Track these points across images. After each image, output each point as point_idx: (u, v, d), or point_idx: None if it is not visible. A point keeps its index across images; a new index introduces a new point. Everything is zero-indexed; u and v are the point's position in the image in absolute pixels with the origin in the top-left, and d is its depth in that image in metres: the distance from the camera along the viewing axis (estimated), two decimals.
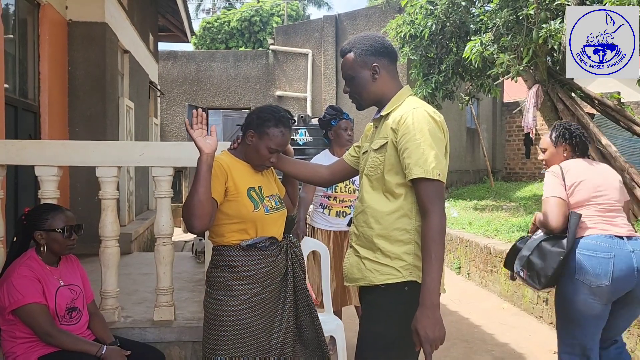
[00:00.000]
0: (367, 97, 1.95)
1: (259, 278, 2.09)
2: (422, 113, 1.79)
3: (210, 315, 2.11)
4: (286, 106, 13.36)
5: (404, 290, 1.79)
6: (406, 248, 1.80)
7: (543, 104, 7.24)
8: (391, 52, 1.95)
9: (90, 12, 5.78)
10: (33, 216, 2.42)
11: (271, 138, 2.12)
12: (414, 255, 1.79)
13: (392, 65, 1.95)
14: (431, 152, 1.73)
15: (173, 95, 13.66)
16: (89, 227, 3.12)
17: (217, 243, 2.15)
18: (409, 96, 1.92)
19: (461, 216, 8.23)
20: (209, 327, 2.10)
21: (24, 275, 2.29)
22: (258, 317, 2.08)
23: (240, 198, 2.08)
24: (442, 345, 1.72)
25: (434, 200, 1.73)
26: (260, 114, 2.15)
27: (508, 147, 16.38)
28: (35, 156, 2.89)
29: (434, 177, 1.72)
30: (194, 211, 1.91)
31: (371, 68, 1.90)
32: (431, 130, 1.77)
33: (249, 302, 2.07)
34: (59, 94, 5.55)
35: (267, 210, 2.13)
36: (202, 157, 1.95)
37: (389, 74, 1.93)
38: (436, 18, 8.41)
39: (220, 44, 21.15)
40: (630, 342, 3.41)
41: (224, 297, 2.07)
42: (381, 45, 1.92)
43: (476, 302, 5.31)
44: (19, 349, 2.28)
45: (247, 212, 2.08)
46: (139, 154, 2.97)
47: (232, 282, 2.07)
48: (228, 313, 2.06)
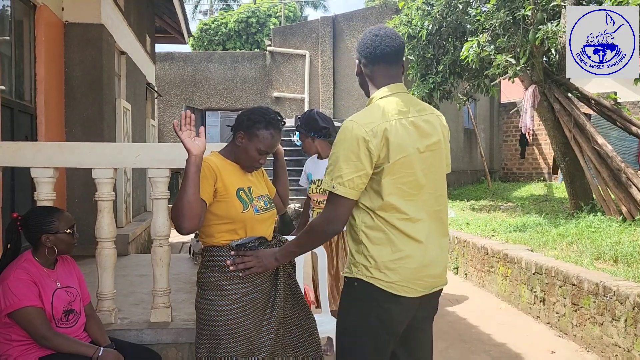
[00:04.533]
0: (364, 90, 2.01)
1: (249, 277, 2.10)
2: (346, 125, 1.82)
3: (201, 316, 2.12)
4: (283, 107, 13.36)
5: (353, 285, 1.88)
6: (358, 247, 1.87)
7: (540, 104, 7.26)
8: (378, 51, 1.89)
9: (87, 14, 5.77)
10: (37, 221, 2.42)
11: (261, 140, 2.13)
12: (362, 256, 1.84)
13: (379, 66, 1.91)
14: (337, 165, 1.80)
15: (170, 97, 13.65)
16: (86, 228, 3.12)
17: (207, 243, 2.16)
18: (378, 99, 1.90)
19: (458, 216, 8.24)
20: (201, 327, 2.11)
21: (20, 278, 2.28)
22: (249, 316, 2.09)
23: (229, 199, 2.09)
24: (440, 346, 1.74)
25: (328, 206, 1.85)
26: (250, 116, 2.16)
27: (505, 148, 16.42)
28: (31, 158, 2.88)
29: (329, 189, 1.81)
30: (182, 212, 1.92)
31: (357, 66, 1.98)
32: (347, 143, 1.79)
33: (240, 301, 2.08)
34: (56, 96, 5.53)
35: (256, 210, 2.15)
36: (190, 158, 1.97)
37: (373, 73, 1.93)
38: (433, 19, 8.42)
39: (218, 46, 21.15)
40: (627, 342, 3.42)
41: (215, 297, 2.08)
42: (367, 44, 1.91)
43: (474, 302, 5.31)
44: (15, 351, 2.28)
45: (237, 212, 2.09)
46: (135, 156, 2.97)
47: (223, 282, 2.08)
48: (219, 313, 2.07)
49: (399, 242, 1.81)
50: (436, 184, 1.90)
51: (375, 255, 1.81)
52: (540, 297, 4.53)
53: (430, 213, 1.87)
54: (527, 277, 4.75)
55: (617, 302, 3.52)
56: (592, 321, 3.80)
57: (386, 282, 1.80)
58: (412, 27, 8.67)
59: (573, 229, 5.91)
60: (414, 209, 1.83)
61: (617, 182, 6.47)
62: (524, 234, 6.04)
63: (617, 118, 7.18)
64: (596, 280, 3.78)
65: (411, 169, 1.82)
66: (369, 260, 1.82)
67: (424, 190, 1.85)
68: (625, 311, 3.44)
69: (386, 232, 1.81)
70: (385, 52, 1.89)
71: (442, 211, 1.94)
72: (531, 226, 6.49)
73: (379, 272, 1.81)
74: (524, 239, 5.72)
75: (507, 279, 5.17)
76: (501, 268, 5.30)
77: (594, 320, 3.78)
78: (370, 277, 1.81)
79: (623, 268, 4.19)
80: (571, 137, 7.01)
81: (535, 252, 5.09)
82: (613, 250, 4.66)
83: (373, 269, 1.81)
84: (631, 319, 3.39)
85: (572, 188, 7.50)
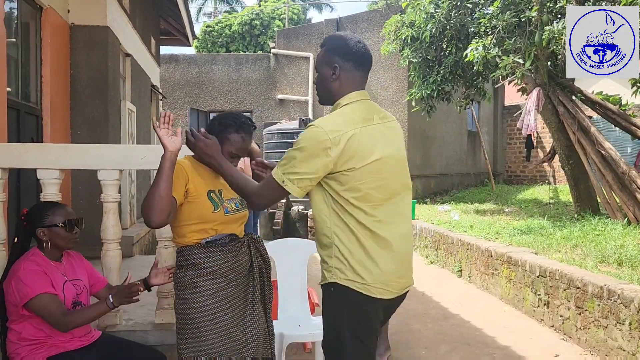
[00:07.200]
0: (322, 94, 2.00)
1: (223, 273, 2.14)
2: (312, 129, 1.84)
3: (180, 317, 2.16)
4: (287, 109, 13.39)
5: (330, 291, 1.89)
6: (328, 251, 1.89)
7: (544, 107, 7.25)
8: (359, 58, 1.92)
9: (92, 16, 5.80)
10: (33, 215, 2.43)
11: (232, 143, 2.20)
12: (335, 258, 1.86)
13: (355, 71, 1.93)
14: (293, 162, 1.83)
15: (175, 99, 13.69)
16: (91, 230, 3.13)
17: (180, 244, 2.21)
18: (344, 105, 1.92)
19: (462, 219, 8.23)
20: (182, 328, 2.14)
21: (30, 269, 2.30)
22: (227, 311, 2.12)
23: (200, 200, 2.14)
24: (443, 349, 1.75)
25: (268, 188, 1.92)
26: (221, 120, 2.23)
27: (509, 150, 16.39)
28: (37, 159, 2.90)
29: (279, 181, 1.85)
30: (153, 204, 1.96)
31: (332, 67, 1.92)
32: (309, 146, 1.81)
33: (215, 296, 2.12)
34: (61, 97, 5.56)
35: (227, 211, 2.20)
36: (165, 154, 2.02)
37: (348, 78, 1.93)
38: (437, 22, 8.42)
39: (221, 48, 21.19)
40: (632, 345, 3.41)
41: (191, 295, 2.12)
42: (350, 48, 1.92)
43: (477, 305, 5.31)
44: (24, 350, 2.30)
45: (208, 212, 2.14)
46: (141, 157, 2.98)
47: (197, 280, 2.12)
48: (196, 310, 2.10)
49: (371, 244, 1.84)
50: (402, 188, 1.95)
51: (348, 257, 1.84)
52: (544, 300, 4.52)
53: (398, 216, 1.92)
54: (531, 280, 4.74)
55: (622, 305, 3.51)
56: (597, 324, 3.79)
57: (361, 284, 1.83)
58: (416, 29, 8.67)
59: (577, 232, 5.90)
60: (384, 212, 1.87)
61: (622, 185, 6.46)
62: (528, 236, 6.03)
63: (621, 121, 7.17)
64: (600, 283, 3.77)
65: (379, 174, 1.85)
66: (343, 262, 1.85)
67: (392, 194, 1.90)
68: (630, 314, 3.43)
69: (358, 235, 1.84)
70: (365, 58, 1.95)
71: (408, 214, 2.01)
72: (535, 229, 6.47)
73: (353, 274, 1.83)
74: (528, 241, 5.71)
75: (511, 281, 5.16)
76: (505, 271, 5.29)
77: (598, 324, 3.78)
78: (345, 279, 1.84)
79: (627, 271, 4.18)
80: (575, 140, 7.00)
81: (540, 255, 5.08)
82: (617, 253, 4.65)
83: (347, 271, 1.84)
84: (635, 322, 3.38)
85: (576, 191, 7.49)
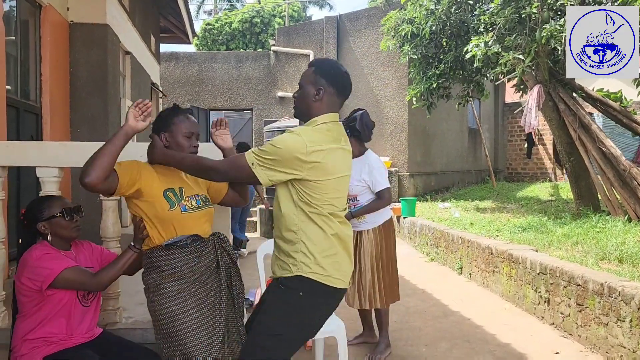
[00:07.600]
0: (301, 109, 2.22)
1: (185, 274, 2.15)
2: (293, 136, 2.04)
3: (152, 317, 2.19)
4: (288, 107, 13.37)
5: (293, 284, 2.07)
6: (295, 247, 2.08)
7: (545, 104, 7.24)
8: (343, 87, 2.20)
9: (92, 14, 5.79)
10: (31, 211, 2.44)
11: (179, 125, 2.29)
12: (302, 253, 2.07)
13: (336, 97, 2.20)
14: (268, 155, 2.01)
15: (175, 97, 13.67)
16: (91, 228, 3.12)
17: (144, 246, 2.24)
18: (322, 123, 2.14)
19: (463, 216, 8.22)
20: (155, 328, 2.18)
21: (43, 254, 2.30)
22: (193, 311, 2.13)
23: (154, 199, 2.17)
24: (444, 346, 1.75)
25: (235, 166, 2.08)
26: (159, 117, 2.34)
27: (510, 148, 16.37)
28: (36, 157, 2.90)
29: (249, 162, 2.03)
30: (94, 162, 2.00)
31: (317, 88, 2.16)
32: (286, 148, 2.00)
33: (178, 297, 2.12)
34: (61, 96, 5.56)
35: (184, 209, 2.20)
36: (124, 127, 2.14)
37: (329, 101, 2.18)
38: (437, 18, 8.39)
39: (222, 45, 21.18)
40: (632, 343, 3.41)
41: (157, 297, 2.14)
42: (338, 76, 2.19)
43: (478, 302, 5.30)
44: (25, 348, 2.30)
45: (163, 211, 2.16)
46: (140, 155, 2.97)
47: (160, 282, 2.14)
48: (162, 313, 2.12)
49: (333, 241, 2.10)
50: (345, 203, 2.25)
51: (314, 252, 2.06)
52: (545, 297, 4.51)
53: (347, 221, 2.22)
54: (532, 277, 4.74)
55: (622, 302, 3.51)
56: (597, 322, 3.79)
57: (324, 276, 2.06)
58: (416, 25, 8.65)
59: (578, 229, 5.89)
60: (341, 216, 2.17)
61: (623, 182, 6.45)
62: (529, 234, 6.02)
63: (622, 118, 7.16)
64: (601, 280, 3.77)
65: (339, 188, 2.13)
66: (309, 257, 2.06)
67: (343, 205, 2.19)
68: (631, 312, 3.42)
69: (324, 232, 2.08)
70: (347, 89, 2.24)
71: None
72: (536, 226, 6.47)
73: (318, 267, 2.06)
74: (528, 239, 5.70)
75: (512, 279, 5.16)
76: (505, 268, 5.29)
77: (598, 321, 3.77)
78: (310, 272, 2.05)
79: (628, 268, 4.18)
80: (576, 137, 6.99)
81: (540, 252, 5.07)
82: (618, 250, 4.65)
83: (313, 264, 2.06)
84: (636, 319, 3.37)
85: (577, 188, 7.48)
